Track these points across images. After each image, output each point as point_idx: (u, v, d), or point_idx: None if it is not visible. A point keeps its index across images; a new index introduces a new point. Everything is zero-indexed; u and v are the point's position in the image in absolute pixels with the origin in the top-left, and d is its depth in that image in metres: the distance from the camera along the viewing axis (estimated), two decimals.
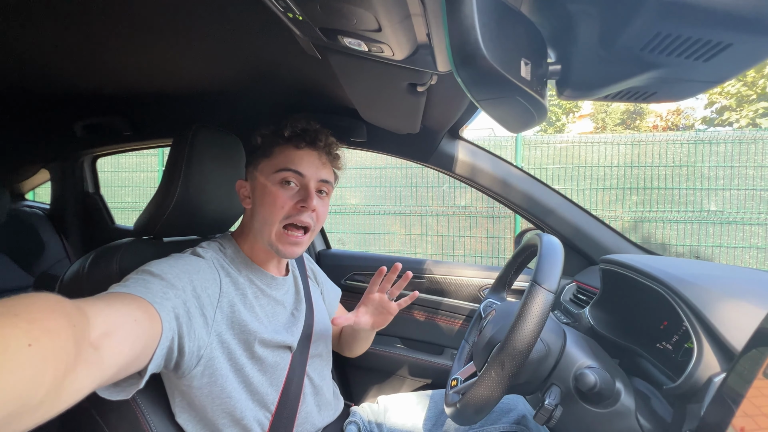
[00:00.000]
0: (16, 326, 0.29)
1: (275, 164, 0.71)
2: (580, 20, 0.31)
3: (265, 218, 0.70)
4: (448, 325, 1.25)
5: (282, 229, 0.70)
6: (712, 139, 4.21)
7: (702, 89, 0.36)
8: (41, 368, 0.30)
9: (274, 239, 0.70)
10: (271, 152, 0.73)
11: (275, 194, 0.70)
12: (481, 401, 0.57)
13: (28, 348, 0.29)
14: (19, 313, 0.30)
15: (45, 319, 0.32)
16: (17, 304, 0.31)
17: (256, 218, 0.73)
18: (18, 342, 0.29)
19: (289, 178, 0.70)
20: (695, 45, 0.28)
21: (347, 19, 0.44)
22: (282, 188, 0.70)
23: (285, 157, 0.71)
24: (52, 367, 0.31)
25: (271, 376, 0.70)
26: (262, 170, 0.73)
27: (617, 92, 0.38)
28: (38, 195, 3.21)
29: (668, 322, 0.71)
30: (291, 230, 0.71)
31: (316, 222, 0.73)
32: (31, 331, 0.30)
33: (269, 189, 0.70)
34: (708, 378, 0.54)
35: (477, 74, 0.28)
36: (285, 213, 0.70)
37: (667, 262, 0.79)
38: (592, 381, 0.60)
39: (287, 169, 0.70)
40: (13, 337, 0.29)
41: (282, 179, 0.70)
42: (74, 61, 0.88)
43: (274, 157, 0.72)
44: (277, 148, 0.72)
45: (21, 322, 0.30)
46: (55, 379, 0.31)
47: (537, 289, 0.56)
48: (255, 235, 0.74)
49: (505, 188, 1.13)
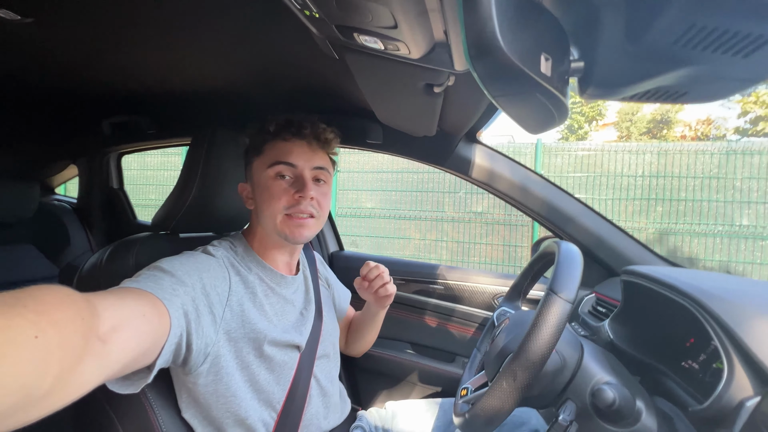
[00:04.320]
0: (24, 317, 0.30)
1: (267, 160, 0.73)
2: (606, 12, 0.29)
3: (266, 213, 0.72)
4: (460, 332, 1.22)
5: (285, 216, 0.71)
6: (746, 149, 4.03)
7: (738, 89, 0.34)
8: (47, 360, 0.30)
9: (280, 226, 0.71)
10: (261, 149, 0.74)
11: (271, 188, 0.71)
12: (492, 412, 0.54)
13: (35, 339, 0.29)
14: (27, 304, 0.31)
15: (53, 311, 0.32)
16: (27, 296, 0.32)
17: (260, 216, 0.74)
18: (24, 333, 0.29)
19: (282, 171, 0.72)
20: (734, 38, 0.25)
21: (363, 15, 0.44)
22: (277, 181, 0.72)
23: (275, 151, 0.73)
24: (57, 360, 0.31)
25: (279, 375, 0.70)
26: (256, 168, 0.75)
27: (644, 91, 0.36)
28: (69, 190, 3.36)
29: (695, 339, 0.66)
30: (293, 217, 0.72)
31: (319, 209, 0.74)
32: (38, 322, 0.30)
33: (265, 185, 0.72)
34: (739, 401, 0.50)
35: (494, 68, 0.27)
36: (284, 204, 0.71)
37: (694, 275, 0.74)
38: (611, 398, 0.56)
39: (278, 162, 0.72)
40: (19, 328, 0.29)
41: (276, 173, 0.72)
42: (103, 62, 0.91)
43: (265, 153, 0.74)
44: (266, 145, 0.74)
45: (29, 314, 0.30)
46: (61, 371, 0.31)
47: (553, 298, 0.53)
48: (263, 232, 0.76)
49: (523, 194, 1.10)
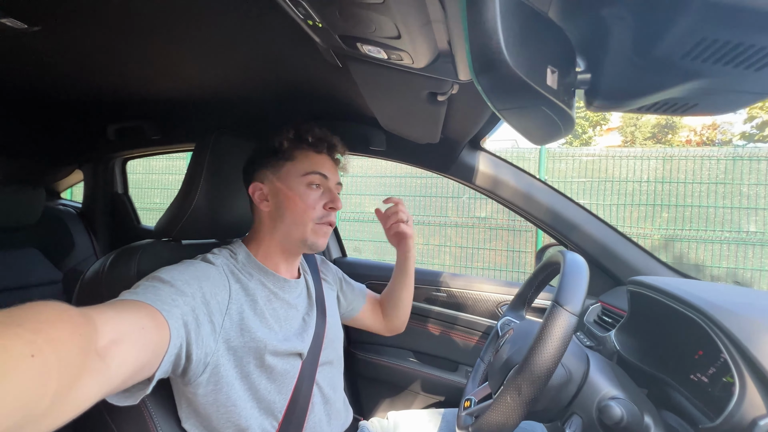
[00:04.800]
0: (20, 337, 0.29)
1: (301, 168, 0.75)
2: (613, 25, 0.28)
3: (295, 220, 0.74)
4: (463, 341, 1.21)
5: (315, 225, 0.74)
6: (752, 155, 3.99)
7: (750, 102, 0.33)
8: (44, 379, 0.29)
9: (311, 235, 0.74)
10: (293, 156, 0.75)
11: (306, 196, 0.74)
12: (496, 427, 0.53)
13: (31, 359, 0.29)
14: (23, 323, 0.30)
15: (49, 328, 0.31)
16: (22, 314, 0.31)
17: (281, 220, 0.74)
18: (21, 353, 0.28)
19: (317, 180, 0.75)
20: (747, 52, 0.25)
21: (366, 25, 0.43)
22: (310, 190, 0.74)
23: (310, 161, 0.75)
24: (55, 378, 0.30)
25: (280, 384, 0.69)
26: (287, 173, 0.75)
27: (653, 104, 0.35)
28: (76, 195, 3.39)
29: (703, 352, 0.65)
30: (323, 225, 0.76)
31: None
32: (34, 341, 0.29)
33: (297, 191, 0.74)
34: (752, 420, 0.49)
35: (498, 82, 0.26)
36: (318, 214, 0.74)
37: (703, 287, 0.73)
38: (618, 414, 0.55)
39: (315, 172, 0.75)
40: (15, 347, 0.28)
41: (309, 182, 0.74)
42: (108, 69, 0.92)
43: (299, 161, 0.75)
44: (299, 152, 0.76)
45: (25, 333, 0.30)
46: (60, 389, 0.31)
47: (559, 310, 0.52)
48: (273, 237, 0.75)
49: (527, 202, 1.09)
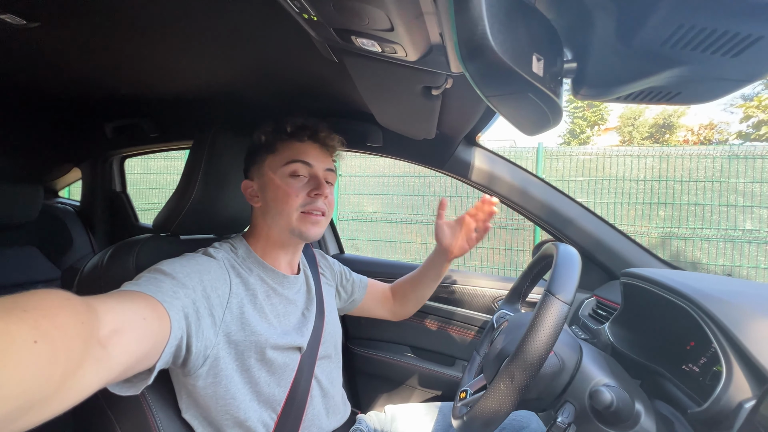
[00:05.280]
0: (24, 322, 0.30)
1: (282, 158, 0.73)
2: (597, 14, 0.29)
3: (279, 210, 0.72)
4: (460, 335, 1.22)
5: (300, 213, 0.72)
6: (748, 154, 4.01)
7: (731, 89, 0.34)
8: (47, 365, 0.30)
9: (296, 224, 0.72)
10: (275, 148, 0.75)
11: (287, 186, 0.72)
12: (490, 414, 0.54)
13: (34, 345, 0.29)
14: (27, 309, 0.31)
15: (53, 315, 0.32)
16: (26, 301, 0.32)
17: (269, 213, 0.74)
18: (24, 339, 0.29)
19: (299, 169, 0.73)
20: (722, 38, 0.26)
21: (360, 18, 0.44)
22: (293, 179, 0.73)
23: (291, 150, 0.74)
24: (58, 364, 0.31)
25: (279, 377, 0.70)
26: (269, 166, 0.74)
27: (638, 92, 0.36)
28: (73, 193, 3.38)
29: (695, 343, 0.66)
30: (309, 213, 0.73)
31: (328, 208, 0.76)
32: (38, 327, 0.30)
33: (279, 182, 0.72)
34: (738, 403, 0.50)
35: (485, 68, 0.27)
36: (300, 201, 0.72)
37: (694, 277, 0.74)
38: (608, 399, 0.56)
39: (296, 160, 0.73)
40: (19, 333, 0.29)
41: (291, 171, 0.73)
42: (106, 66, 0.92)
43: (280, 152, 0.74)
44: (280, 144, 0.75)
45: (29, 319, 0.30)
46: (62, 376, 0.31)
47: (551, 299, 0.53)
48: (269, 231, 0.75)
49: (523, 197, 1.10)
